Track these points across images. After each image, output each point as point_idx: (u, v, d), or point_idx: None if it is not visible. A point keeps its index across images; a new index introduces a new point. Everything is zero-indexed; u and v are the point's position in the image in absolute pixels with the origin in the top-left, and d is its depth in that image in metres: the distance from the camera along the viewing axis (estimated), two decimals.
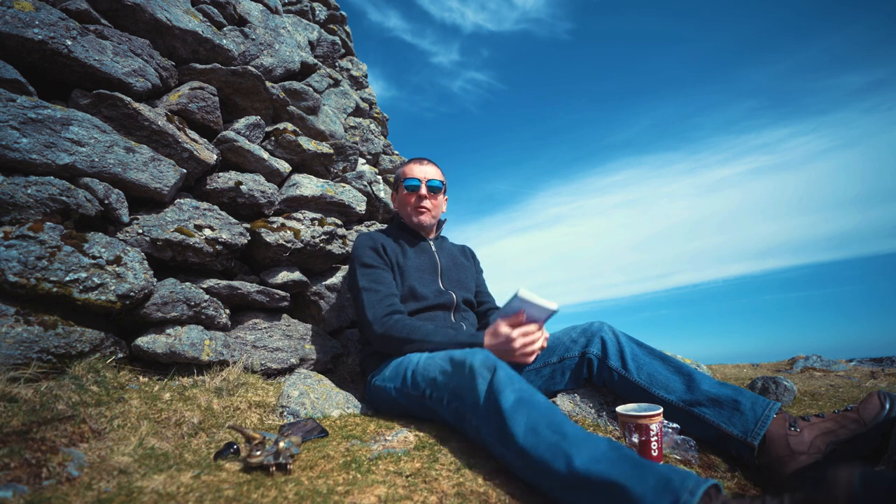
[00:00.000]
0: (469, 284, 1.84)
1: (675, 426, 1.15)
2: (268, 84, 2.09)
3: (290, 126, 2.19)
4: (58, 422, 0.98)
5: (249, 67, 1.96)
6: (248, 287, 1.73)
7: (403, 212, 1.84)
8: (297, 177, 2.13)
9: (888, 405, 1.06)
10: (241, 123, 1.97)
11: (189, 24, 1.88)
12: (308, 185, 2.09)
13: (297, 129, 2.22)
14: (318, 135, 2.48)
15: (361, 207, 2.30)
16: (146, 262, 1.45)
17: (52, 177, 1.31)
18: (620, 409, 1.13)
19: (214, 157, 1.81)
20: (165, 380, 1.44)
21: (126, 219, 1.49)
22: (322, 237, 1.99)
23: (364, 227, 2.47)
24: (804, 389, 1.99)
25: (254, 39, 2.27)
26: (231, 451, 1.03)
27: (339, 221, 2.13)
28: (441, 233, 1.95)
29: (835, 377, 2.46)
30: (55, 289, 1.22)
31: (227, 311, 1.70)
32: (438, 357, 1.28)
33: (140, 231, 1.51)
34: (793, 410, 1.65)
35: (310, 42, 2.99)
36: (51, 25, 1.43)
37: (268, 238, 1.82)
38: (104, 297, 1.30)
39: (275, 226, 1.87)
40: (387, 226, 1.91)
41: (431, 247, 1.83)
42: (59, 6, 1.56)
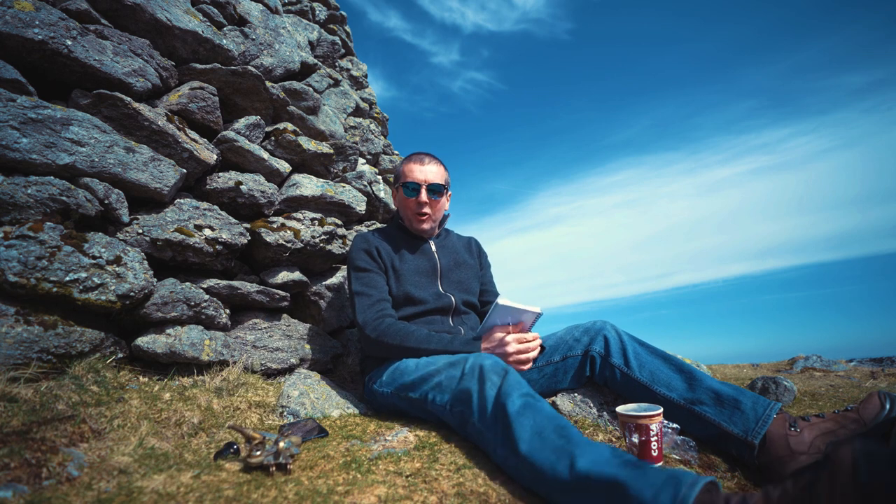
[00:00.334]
0: (471, 285, 1.80)
1: (675, 426, 1.15)
2: (268, 84, 2.09)
3: (290, 126, 2.19)
4: (58, 422, 0.98)
5: (249, 67, 1.96)
6: (248, 287, 1.73)
7: (404, 214, 1.80)
8: (297, 177, 2.13)
9: (888, 405, 1.06)
10: (241, 123, 1.97)
11: (189, 24, 1.88)
12: (308, 185, 2.09)
13: (297, 129, 2.22)
14: (318, 135, 2.48)
15: (361, 207, 2.30)
16: (146, 262, 1.45)
17: (52, 177, 1.31)
18: (620, 409, 1.13)
19: (214, 157, 1.81)
20: (165, 380, 1.44)
21: (126, 219, 1.49)
22: (322, 237, 1.99)
23: (364, 227, 2.47)
24: (804, 389, 1.99)
25: (254, 39, 2.27)
26: (231, 451, 1.03)
27: (339, 221, 2.13)
28: (444, 227, 1.89)
29: (835, 377, 2.46)
30: (55, 289, 1.22)
31: (227, 311, 1.70)
32: (441, 361, 1.28)
33: (140, 231, 1.51)
34: (793, 410, 1.65)
35: (310, 42, 2.99)
36: (51, 25, 1.43)
37: (268, 238, 1.82)
38: (104, 297, 1.30)
39: (275, 226, 1.87)
40: (386, 225, 1.88)
41: (431, 247, 1.79)
42: (59, 6, 1.56)
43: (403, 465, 0.99)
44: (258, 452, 0.91)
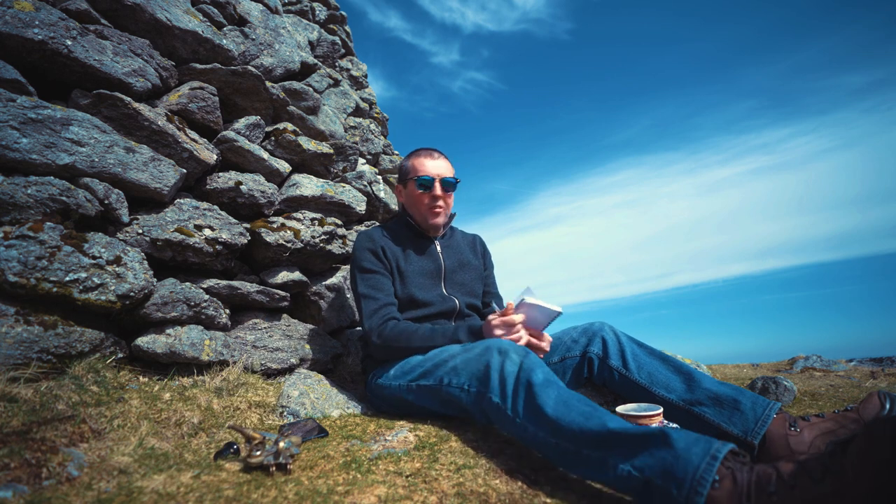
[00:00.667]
0: (474, 287, 1.77)
1: (675, 426, 1.15)
2: (268, 84, 2.09)
3: (290, 126, 2.19)
4: (58, 422, 0.98)
5: (249, 67, 1.96)
6: (248, 287, 1.73)
7: (415, 210, 1.73)
8: (297, 177, 2.13)
9: (888, 405, 1.06)
10: (241, 123, 1.97)
11: (189, 24, 1.88)
12: (308, 185, 2.09)
13: (297, 129, 2.22)
14: (318, 135, 2.48)
15: (361, 207, 2.30)
16: (146, 262, 1.45)
17: (52, 177, 1.31)
18: (620, 409, 1.13)
19: (214, 157, 1.81)
20: (165, 380, 1.44)
21: (126, 219, 1.49)
22: (322, 237, 1.99)
23: (364, 228, 2.47)
24: (804, 389, 1.99)
25: (254, 39, 2.27)
26: (231, 451, 1.03)
27: (339, 221, 2.13)
28: (450, 225, 1.85)
29: (835, 377, 2.46)
30: (55, 289, 1.22)
31: (227, 311, 1.70)
32: (455, 348, 1.30)
33: (140, 231, 1.51)
34: (793, 410, 1.65)
35: (310, 42, 2.99)
36: (51, 25, 1.43)
37: (268, 238, 1.82)
38: (104, 297, 1.30)
39: (275, 226, 1.87)
40: (390, 222, 1.85)
41: (437, 248, 1.75)
42: (59, 6, 1.56)
43: (403, 465, 0.99)
44: (258, 452, 0.91)
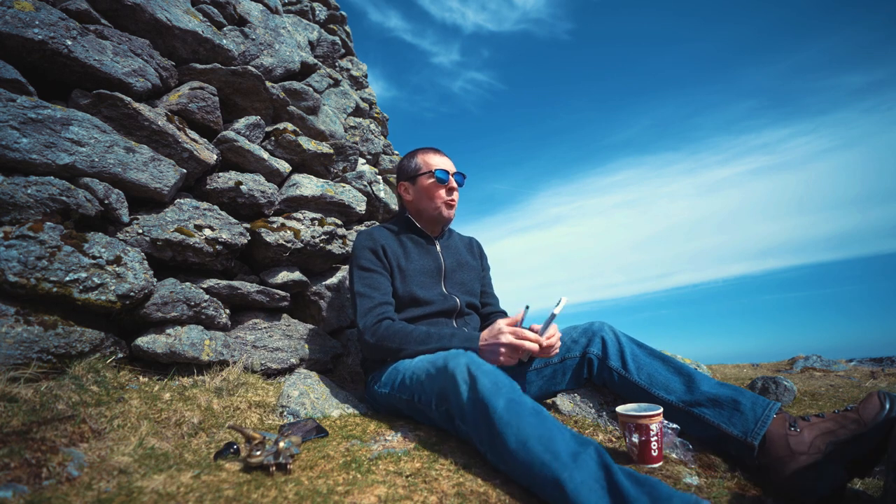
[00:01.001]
0: (473, 287, 1.78)
1: (675, 426, 1.15)
2: (268, 84, 2.09)
3: (290, 126, 2.19)
4: (58, 422, 0.98)
5: (249, 67, 1.96)
6: (248, 287, 1.73)
7: (428, 204, 1.70)
8: (297, 177, 2.13)
9: (888, 405, 1.06)
10: (241, 123, 1.97)
11: (189, 24, 1.88)
12: (308, 185, 2.09)
13: (297, 129, 2.22)
14: (318, 135, 2.48)
15: (361, 207, 2.30)
16: (146, 262, 1.45)
17: (52, 177, 1.31)
18: (620, 409, 1.13)
19: (214, 157, 1.81)
20: (165, 380, 1.44)
21: (126, 219, 1.49)
22: (322, 237, 1.99)
23: (364, 228, 2.47)
24: (804, 389, 1.99)
25: (254, 39, 2.27)
26: (231, 451, 1.03)
27: (339, 221, 2.13)
28: (448, 227, 1.85)
29: (835, 377, 2.46)
30: (55, 289, 1.22)
31: (227, 311, 1.70)
32: (427, 361, 1.27)
33: (140, 231, 1.51)
34: (793, 410, 1.65)
35: (310, 42, 2.99)
36: (51, 25, 1.43)
37: (268, 238, 1.82)
38: (104, 297, 1.30)
39: (275, 226, 1.87)
40: (390, 222, 1.85)
41: (437, 247, 1.75)
42: (59, 6, 1.56)
43: (403, 465, 0.99)
44: (258, 452, 0.91)
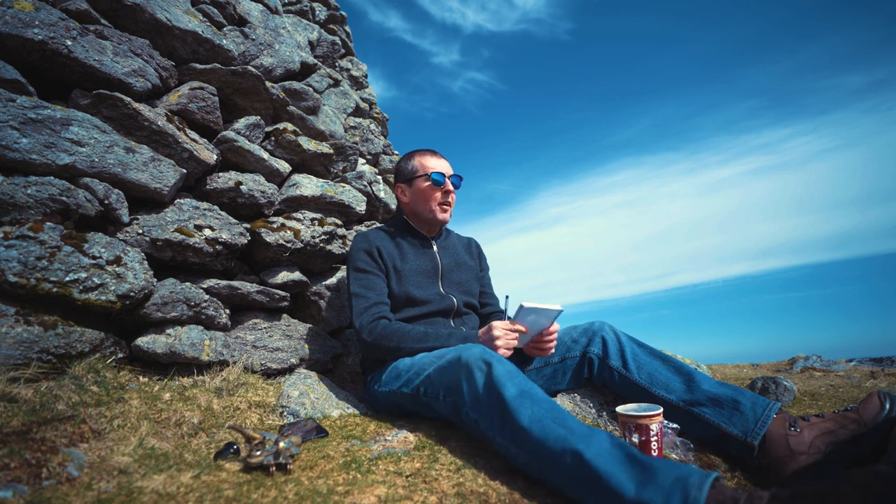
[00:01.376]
0: (471, 287, 1.79)
1: (675, 426, 1.15)
2: (268, 84, 2.09)
3: (290, 126, 2.19)
4: (58, 422, 0.98)
5: (249, 67, 1.96)
6: (248, 287, 1.73)
7: (423, 207, 1.72)
8: (297, 177, 2.13)
9: (888, 405, 1.06)
10: (241, 123, 1.97)
11: (189, 24, 1.88)
12: (308, 185, 2.09)
13: (297, 129, 2.22)
14: (318, 135, 2.48)
15: (361, 207, 2.30)
16: (146, 263, 1.45)
17: (52, 177, 1.31)
18: (620, 409, 1.13)
19: (214, 157, 1.81)
20: (165, 380, 1.44)
21: (126, 219, 1.49)
22: (322, 237, 1.99)
23: (364, 228, 2.47)
24: (804, 389, 1.99)
25: (254, 39, 2.27)
26: (231, 451, 1.03)
27: (339, 221, 2.13)
28: (445, 226, 1.86)
29: (835, 377, 2.46)
30: (55, 289, 1.22)
31: (227, 311, 1.70)
32: (432, 355, 1.29)
33: (140, 231, 1.51)
34: (793, 410, 1.65)
35: (310, 42, 2.99)
36: (51, 25, 1.43)
37: (268, 238, 1.82)
38: (104, 298, 1.30)
39: (275, 226, 1.87)
40: (387, 223, 1.86)
41: (434, 247, 1.76)
42: (59, 6, 1.56)
43: (403, 465, 0.99)
44: (258, 452, 0.91)
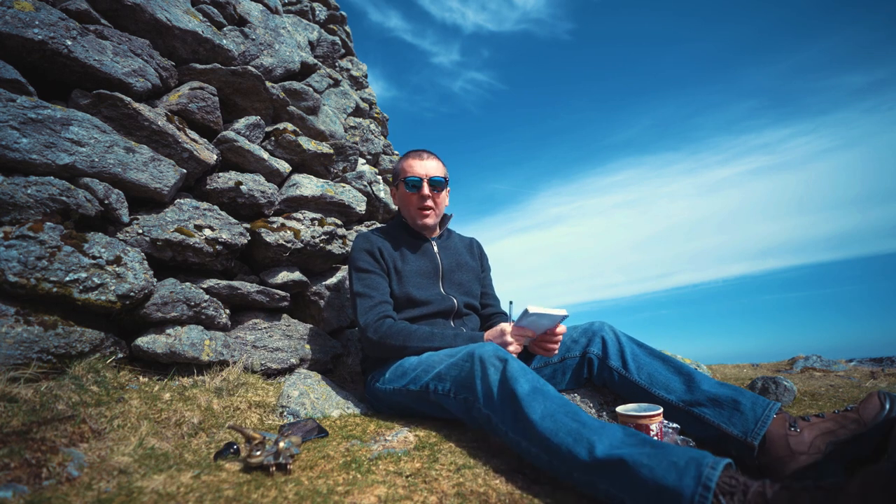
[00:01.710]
0: (472, 287, 1.78)
1: (675, 426, 1.15)
2: (268, 84, 2.09)
3: (290, 126, 2.19)
4: (58, 422, 0.98)
5: (249, 67, 1.96)
6: (248, 287, 1.73)
7: (406, 212, 1.76)
8: (297, 177, 2.13)
9: (888, 405, 1.06)
10: (241, 123, 1.97)
11: (189, 24, 1.88)
12: (308, 186, 2.09)
13: (297, 129, 2.22)
14: (318, 135, 2.48)
15: (361, 207, 2.30)
16: (146, 263, 1.45)
17: (52, 177, 1.31)
18: (620, 409, 1.13)
19: (214, 157, 1.81)
20: (165, 380, 1.44)
21: (126, 219, 1.49)
22: (322, 237, 1.99)
23: (364, 227, 2.47)
24: (804, 389, 1.98)
25: (254, 39, 2.27)
26: (231, 451, 1.03)
27: (339, 221, 2.13)
28: (447, 226, 1.86)
29: (835, 377, 2.46)
30: (55, 289, 1.22)
31: (227, 311, 1.70)
32: (441, 353, 1.31)
33: (140, 231, 1.51)
34: (793, 410, 1.65)
35: (310, 42, 2.99)
36: (51, 25, 1.43)
37: (268, 238, 1.82)
38: (104, 298, 1.30)
39: (275, 226, 1.87)
40: (388, 224, 1.87)
41: (434, 248, 1.76)
42: (59, 6, 1.56)
43: (403, 465, 0.99)
44: (258, 452, 0.91)
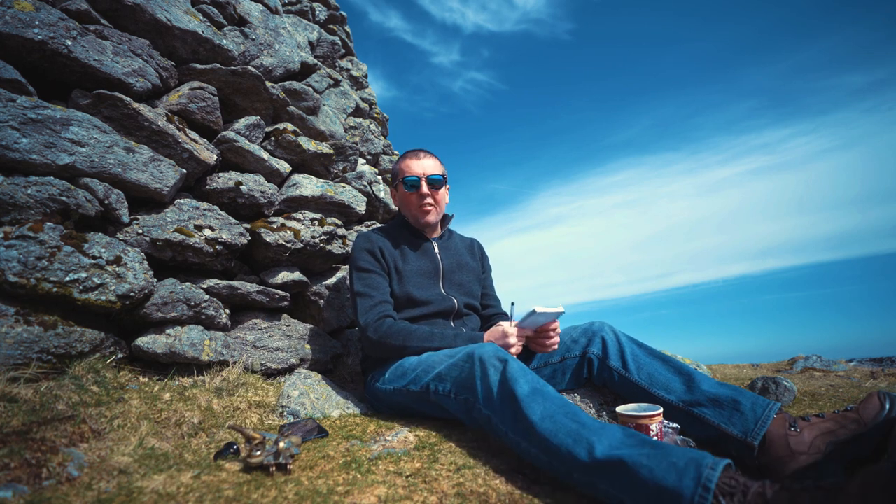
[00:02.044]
0: (472, 288, 1.78)
1: (675, 426, 1.15)
2: (268, 84, 2.09)
3: (290, 126, 2.19)
4: (58, 422, 0.98)
5: (249, 67, 1.96)
6: (248, 287, 1.73)
7: (407, 211, 1.76)
8: (297, 177, 2.13)
9: (888, 405, 1.06)
10: (241, 123, 1.97)
11: (189, 25, 1.88)
12: (308, 186, 2.09)
13: (297, 130, 2.22)
14: (318, 135, 2.48)
15: (361, 207, 2.30)
16: (146, 263, 1.45)
17: (52, 177, 1.31)
18: (620, 409, 1.13)
19: (214, 158, 1.81)
20: (165, 380, 1.44)
21: (126, 219, 1.49)
22: (322, 237, 1.99)
23: (364, 228, 2.47)
24: (804, 389, 1.98)
25: (254, 40, 2.27)
26: (231, 451, 1.03)
27: (339, 221, 2.13)
28: (448, 227, 1.86)
29: (835, 377, 2.46)
30: (55, 289, 1.22)
31: (227, 312, 1.70)
32: (441, 353, 1.31)
33: (140, 231, 1.51)
34: (793, 410, 1.65)
35: (310, 42, 2.99)
36: (51, 25, 1.43)
37: (268, 238, 1.82)
38: (104, 298, 1.30)
39: (275, 226, 1.87)
40: (388, 224, 1.87)
41: (434, 248, 1.76)
42: (59, 6, 1.56)
43: (403, 465, 0.99)
44: (258, 452, 0.91)
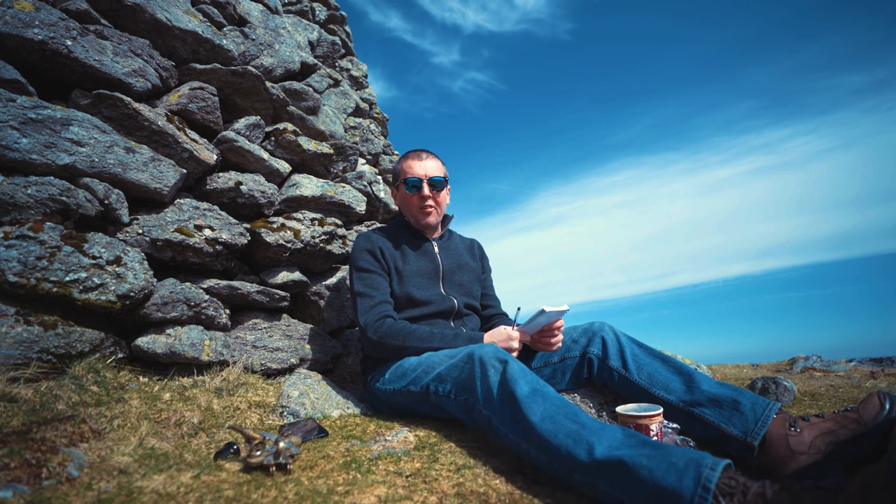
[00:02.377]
0: (472, 288, 1.78)
1: (675, 426, 1.15)
2: (268, 84, 2.09)
3: (290, 126, 2.19)
4: (58, 422, 0.98)
5: (249, 67, 1.96)
6: (248, 287, 1.73)
7: (408, 212, 1.76)
8: (297, 177, 2.13)
9: (888, 405, 1.06)
10: (241, 123, 1.97)
11: (189, 25, 1.88)
12: (308, 186, 2.09)
13: (297, 130, 2.22)
14: (318, 135, 2.48)
15: (361, 207, 2.30)
16: (146, 263, 1.45)
17: (52, 177, 1.31)
18: (620, 409, 1.13)
19: (214, 158, 1.81)
20: (165, 380, 1.44)
21: (126, 219, 1.49)
22: (322, 237, 1.99)
23: (364, 228, 2.47)
24: (804, 389, 1.98)
25: (254, 39, 2.27)
26: (231, 451, 1.03)
27: (339, 221, 2.13)
28: (448, 227, 1.86)
29: (835, 377, 2.46)
30: (55, 289, 1.22)
31: (227, 312, 1.70)
32: (441, 353, 1.31)
33: (140, 231, 1.51)
34: (793, 410, 1.65)
35: (310, 42, 2.99)
36: (51, 25, 1.43)
37: (268, 238, 1.82)
38: (104, 298, 1.30)
39: (275, 226, 1.87)
40: (388, 224, 1.87)
41: (434, 248, 1.76)
42: (59, 6, 1.56)
43: (403, 465, 0.99)
44: (258, 452, 0.91)
